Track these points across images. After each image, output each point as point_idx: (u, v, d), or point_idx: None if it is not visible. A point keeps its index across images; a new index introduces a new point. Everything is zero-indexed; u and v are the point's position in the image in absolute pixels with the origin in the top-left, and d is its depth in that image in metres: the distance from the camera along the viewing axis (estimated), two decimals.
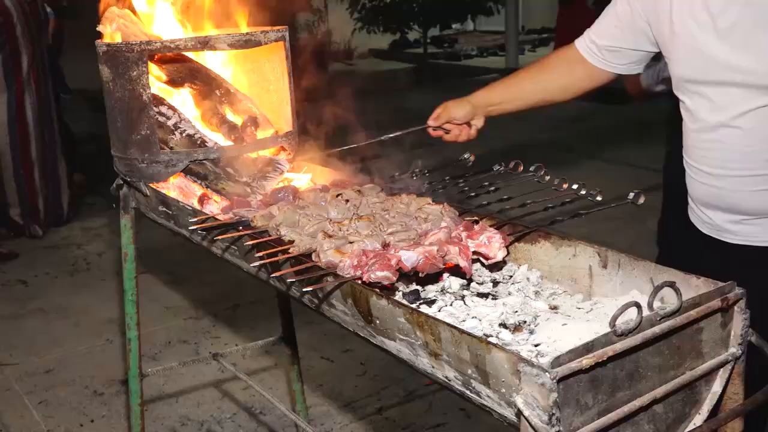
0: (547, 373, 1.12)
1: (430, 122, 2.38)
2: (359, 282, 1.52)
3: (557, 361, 1.13)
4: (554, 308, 1.58)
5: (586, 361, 1.15)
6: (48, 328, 4.69)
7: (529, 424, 1.14)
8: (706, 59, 1.85)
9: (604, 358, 1.17)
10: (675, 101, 4.03)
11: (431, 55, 16.84)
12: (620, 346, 1.19)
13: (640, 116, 8.49)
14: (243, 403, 3.74)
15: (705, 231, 2.05)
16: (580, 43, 2.21)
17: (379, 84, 13.11)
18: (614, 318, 1.19)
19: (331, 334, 4.18)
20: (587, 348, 1.17)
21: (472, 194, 2.00)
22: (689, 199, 2.08)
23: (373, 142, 2.43)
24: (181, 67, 2.42)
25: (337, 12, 16.46)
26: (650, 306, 1.25)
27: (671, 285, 1.26)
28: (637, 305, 1.20)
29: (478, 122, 2.37)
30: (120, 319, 4.59)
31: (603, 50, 2.15)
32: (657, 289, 1.25)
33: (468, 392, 1.32)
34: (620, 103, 8.46)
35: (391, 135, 2.44)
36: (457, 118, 2.33)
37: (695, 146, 1.97)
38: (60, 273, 5.57)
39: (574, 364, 1.15)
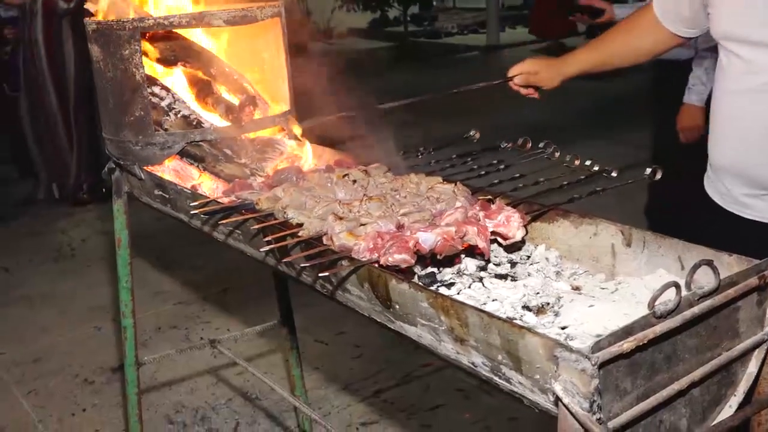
0: (587, 359, 1.07)
1: (517, 80, 2.37)
2: (376, 265, 1.46)
3: (597, 346, 1.08)
4: (577, 289, 1.53)
5: (627, 344, 1.10)
6: (34, 315, 4.60)
7: (569, 411, 1.09)
8: (749, 14, 1.80)
9: (645, 342, 1.12)
10: (658, 73, 3.94)
11: (411, 34, 16.73)
12: (660, 328, 1.14)
13: (623, 93, 8.50)
14: (238, 389, 3.69)
15: (719, 202, 2.01)
16: (656, 7, 2.14)
17: (359, 63, 12.96)
18: (653, 299, 1.14)
19: (324, 317, 4.12)
20: (627, 331, 1.12)
21: (482, 173, 1.94)
22: (708, 168, 2.04)
23: (447, 94, 2.40)
24: (174, 45, 2.33)
25: None
26: (688, 286, 1.20)
27: (709, 263, 1.21)
28: (676, 285, 1.15)
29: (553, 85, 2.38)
30: (108, 306, 4.53)
31: (674, 16, 2.09)
32: (695, 268, 1.20)
33: (496, 378, 1.27)
34: (599, 80, 8.42)
35: (471, 87, 2.41)
36: (546, 86, 2.36)
37: (725, 110, 1.93)
38: (44, 259, 5.46)
39: (615, 349, 1.09)
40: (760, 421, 1.35)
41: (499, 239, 1.61)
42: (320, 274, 1.50)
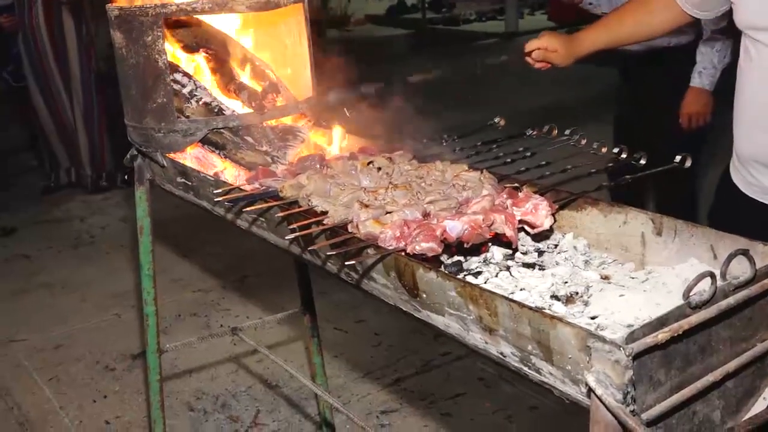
0: (621, 350, 1.04)
1: (535, 55, 2.35)
2: (403, 254, 1.44)
3: (631, 337, 1.06)
4: (606, 278, 1.51)
5: (662, 335, 1.08)
6: (54, 303, 4.62)
7: (602, 402, 1.07)
8: None
9: (680, 332, 1.10)
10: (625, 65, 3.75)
11: (429, 21, 16.63)
12: (695, 319, 1.12)
13: None
14: (259, 376, 3.69)
15: (746, 191, 1.98)
16: None
17: (376, 51, 12.94)
18: (689, 289, 1.12)
19: (344, 305, 4.12)
20: (661, 322, 1.10)
21: (508, 160, 1.92)
22: (734, 158, 2.01)
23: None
24: (196, 32, 2.32)
25: None
26: (723, 275, 1.18)
27: (744, 253, 1.19)
28: (711, 275, 1.13)
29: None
30: (128, 293, 4.54)
31: None
32: (731, 257, 1.18)
33: (526, 369, 1.25)
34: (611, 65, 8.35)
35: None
36: (560, 64, 2.34)
37: (752, 100, 1.89)
38: (63, 247, 5.49)
39: (650, 339, 1.07)
40: None
41: (527, 228, 1.59)
42: (346, 263, 1.48)
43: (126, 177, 6.25)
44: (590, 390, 1.09)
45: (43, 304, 4.60)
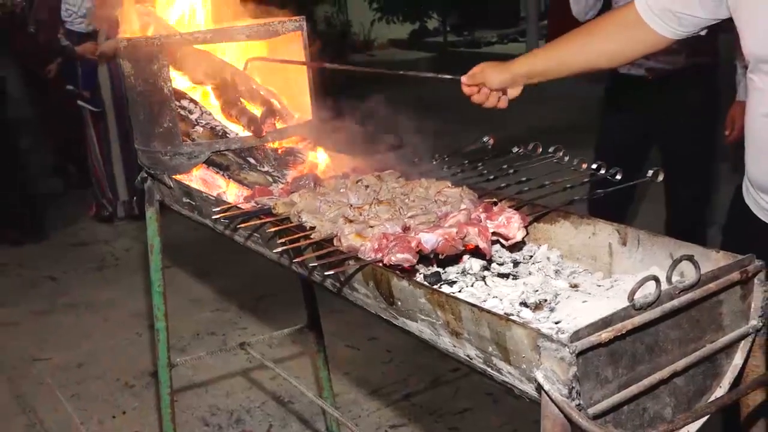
0: (566, 348, 1.13)
1: (464, 79, 2.16)
2: (380, 264, 1.54)
3: (576, 336, 1.15)
4: (575, 286, 1.59)
5: (605, 335, 1.17)
6: (78, 322, 4.77)
7: (550, 398, 1.16)
8: None
9: (623, 332, 1.18)
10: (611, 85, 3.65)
11: (451, 44, 16.80)
12: (639, 319, 1.20)
13: None
14: (272, 392, 3.79)
15: (759, 215, 1.95)
16: (640, 4, 1.96)
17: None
18: (632, 292, 1.20)
19: (356, 323, 4.21)
20: (606, 322, 1.18)
21: (491, 177, 2.01)
22: (746, 180, 1.97)
23: (393, 74, 2.33)
24: (202, 60, 2.45)
25: (355, 3, 16.49)
26: (669, 280, 1.26)
27: (689, 258, 1.27)
28: (656, 279, 1.21)
29: (515, 92, 2.15)
30: (148, 312, 4.65)
31: (667, 13, 1.92)
32: (675, 263, 1.26)
33: (489, 370, 1.34)
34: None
35: (422, 74, 2.34)
36: (492, 85, 2.11)
37: (761, 129, 1.84)
38: (88, 269, 5.65)
39: (594, 338, 1.16)
40: (748, 411, 1.40)
41: (501, 240, 1.68)
42: (326, 273, 1.58)
43: (135, 198, 6.38)
44: (539, 386, 1.17)
45: (66, 324, 4.75)
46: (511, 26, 17.61)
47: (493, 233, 1.65)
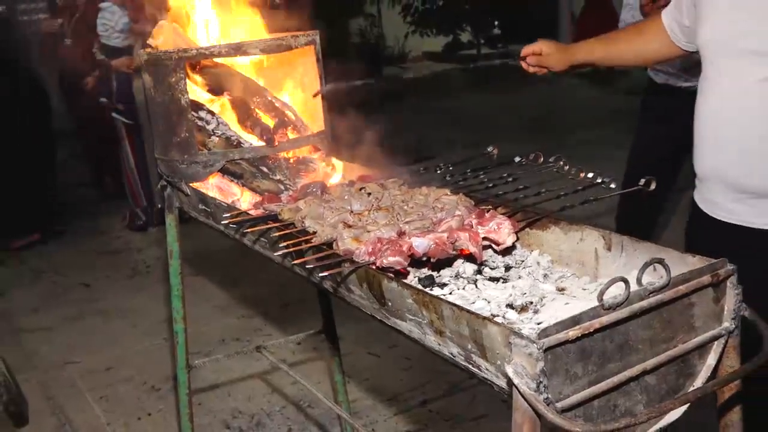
0: (534, 344, 1.20)
1: (529, 59, 2.45)
2: (373, 267, 1.62)
3: (544, 333, 1.21)
4: (561, 290, 1.65)
5: (572, 332, 1.23)
6: (107, 328, 4.91)
7: (519, 392, 1.22)
8: (726, 27, 1.92)
9: (591, 330, 1.24)
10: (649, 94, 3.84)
11: (484, 56, 16.84)
12: (607, 318, 1.26)
13: None
14: (292, 397, 3.87)
15: (707, 211, 2.09)
16: (665, 15, 2.23)
17: (432, 86, 13.20)
18: (601, 293, 1.26)
19: (377, 331, 4.25)
20: (575, 320, 1.24)
21: (491, 185, 2.08)
22: (696, 179, 2.12)
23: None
24: (218, 72, 2.55)
25: (389, 16, 16.61)
26: (639, 281, 1.32)
27: (660, 261, 1.32)
28: (624, 280, 1.27)
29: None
30: None
31: (677, 26, 2.18)
32: (645, 266, 1.31)
33: (471, 366, 1.40)
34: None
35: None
36: (555, 67, 2.43)
37: (708, 118, 2.00)
38: (120, 276, 5.80)
39: (561, 335, 1.22)
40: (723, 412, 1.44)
41: (493, 245, 1.75)
42: (321, 274, 1.66)
43: (158, 206, 6.53)
44: (510, 380, 1.24)
45: (97, 329, 4.89)
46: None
47: (484, 238, 1.72)
